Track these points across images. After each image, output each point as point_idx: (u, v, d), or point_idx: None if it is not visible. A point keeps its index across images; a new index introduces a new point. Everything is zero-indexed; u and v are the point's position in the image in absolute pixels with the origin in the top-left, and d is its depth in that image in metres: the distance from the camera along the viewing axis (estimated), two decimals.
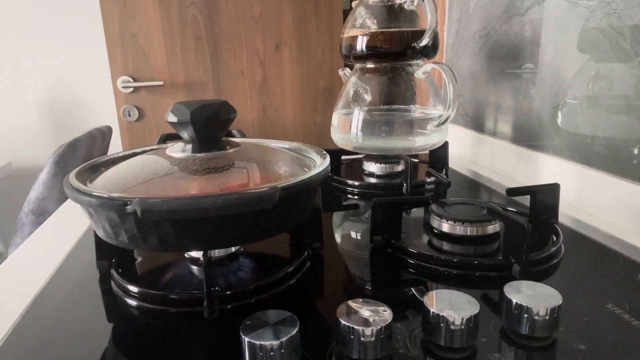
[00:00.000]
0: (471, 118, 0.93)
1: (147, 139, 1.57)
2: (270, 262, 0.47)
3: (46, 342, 0.35)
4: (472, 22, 0.90)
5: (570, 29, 0.63)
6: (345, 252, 0.50)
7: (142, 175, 0.41)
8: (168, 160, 0.43)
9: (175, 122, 0.41)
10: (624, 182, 0.55)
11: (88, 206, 0.37)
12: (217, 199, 0.32)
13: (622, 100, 0.55)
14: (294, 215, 0.41)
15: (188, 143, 0.43)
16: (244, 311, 0.31)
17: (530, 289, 0.33)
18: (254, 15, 1.52)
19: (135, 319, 0.38)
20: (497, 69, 0.82)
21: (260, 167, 0.43)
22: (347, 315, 0.30)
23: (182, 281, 0.43)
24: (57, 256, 0.51)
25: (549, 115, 0.69)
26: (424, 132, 0.70)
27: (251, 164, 0.43)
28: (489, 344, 0.32)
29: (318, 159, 0.47)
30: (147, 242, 0.36)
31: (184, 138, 0.44)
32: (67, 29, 1.90)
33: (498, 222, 0.49)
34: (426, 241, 0.50)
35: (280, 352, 0.28)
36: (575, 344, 0.32)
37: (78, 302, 0.41)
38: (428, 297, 0.32)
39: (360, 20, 0.71)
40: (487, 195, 0.69)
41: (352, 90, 0.75)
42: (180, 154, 0.43)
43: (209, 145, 0.43)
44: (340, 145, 0.77)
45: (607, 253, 0.48)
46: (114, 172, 0.44)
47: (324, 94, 1.62)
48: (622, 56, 0.55)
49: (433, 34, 0.67)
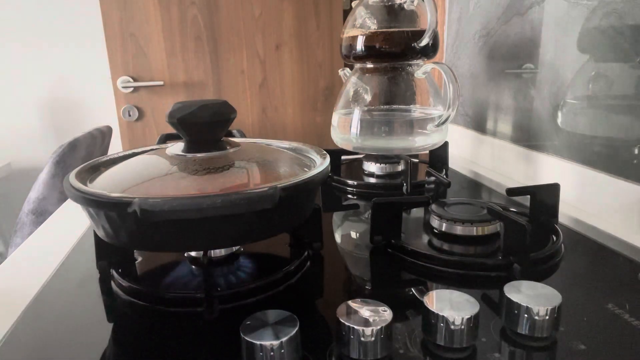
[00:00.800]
0: (471, 118, 0.93)
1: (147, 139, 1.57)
2: (270, 262, 0.47)
3: (46, 342, 0.35)
4: (472, 22, 0.90)
5: (570, 29, 0.63)
6: (345, 252, 0.50)
7: (142, 176, 0.41)
8: (168, 160, 0.43)
9: (176, 122, 0.41)
10: (624, 182, 0.55)
11: (88, 206, 0.37)
12: (217, 199, 0.32)
13: (622, 100, 0.55)
14: (294, 215, 0.41)
15: (188, 143, 0.43)
16: (244, 311, 0.31)
17: (530, 289, 0.33)
18: (254, 15, 1.52)
19: (135, 319, 0.38)
20: (497, 69, 0.82)
21: (260, 167, 0.43)
22: (347, 315, 0.30)
23: (182, 281, 0.43)
24: (57, 256, 0.51)
25: (549, 115, 0.69)
26: (424, 132, 0.70)
27: (251, 164, 0.43)
28: (489, 344, 0.32)
29: (318, 159, 0.47)
30: (147, 242, 0.36)
31: (184, 138, 0.44)
32: (67, 29, 1.90)
33: (498, 222, 0.49)
34: (426, 241, 0.50)
35: (280, 352, 0.28)
36: (575, 344, 0.32)
37: (78, 302, 0.41)
38: (428, 297, 0.32)
39: (360, 20, 0.71)
40: (487, 195, 0.69)
41: (352, 90, 0.75)
42: (180, 153, 0.43)
43: (209, 146, 0.43)
44: (340, 145, 0.77)
45: (607, 253, 0.48)
46: (114, 172, 0.44)
47: (324, 94, 1.62)
48: (622, 56, 0.55)
49: (433, 34, 0.67)
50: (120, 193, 0.35)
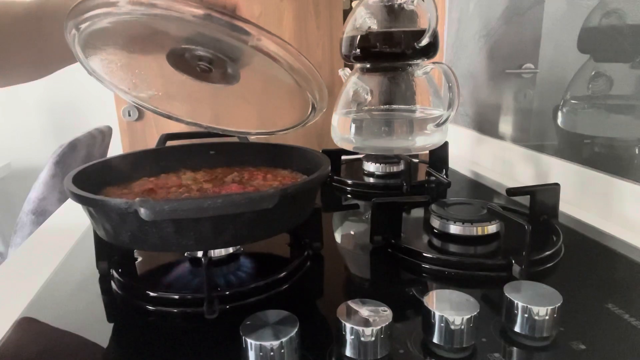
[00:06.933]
0: (471, 118, 0.93)
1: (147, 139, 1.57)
2: (270, 262, 0.47)
3: (46, 342, 0.35)
4: (472, 22, 0.90)
5: (570, 29, 0.63)
6: (345, 252, 0.50)
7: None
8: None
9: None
10: (624, 182, 0.55)
11: (88, 206, 0.37)
12: (217, 199, 0.32)
13: (622, 100, 0.55)
14: (294, 215, 0.41)
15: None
16: (244, 311, 0.31)
17: (530, 289, 0.33)
18: (253, 15, 1.52)
19: (135, 319, 0.38)
20: (497, 69, 0.82)
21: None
22: (347, 315, 0.30)
23: (182, 281, 0.43)
24: (57, 256, 0.51)
25: (549, 115, 0.69)
26: (424, 132, 0.70)
27: None
28: (489, 344, 0.32)
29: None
30: (147, 242, 0.36)
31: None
32: None
33: (498, 222, 0.49)
34: (426, 241, 0.50)
35: (280, 352, 0.28)
36: (575, 344, 0.32)
37: (78, 302, 0.41)
38: (428, 297, 0.32)
39: (360, 20, 0.71)
40: (487, 195, 0.69)
41: (352, 90, 0.74)
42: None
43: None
44: (340, 145, 0.76)
45: (607, 253, 0.48)
46: None
47: None
48: (622, 56, 0.55)
49: (433, 34, 0.67)
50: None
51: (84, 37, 0.37)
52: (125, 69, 0.44)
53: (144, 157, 0.54)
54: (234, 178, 0.50)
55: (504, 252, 0.46)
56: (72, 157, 1.37)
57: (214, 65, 0.40)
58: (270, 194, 0.34)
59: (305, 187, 0.38)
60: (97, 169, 0.47)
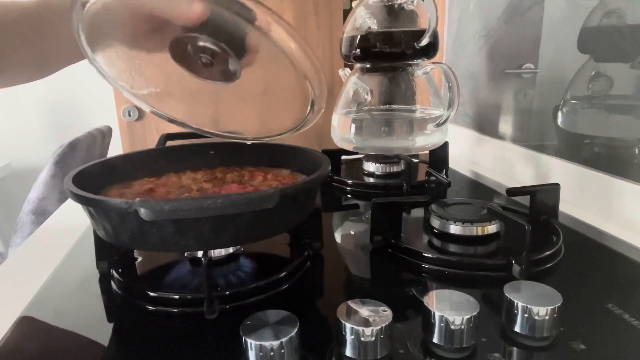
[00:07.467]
0: (471, 118, 0.93)
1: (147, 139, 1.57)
2: (270, 262, 0.47)
3: (46, 342, 0.35)
4: (472, 22, 0.90)
5: (570, 29, 0.63)
6: (345, 252, 0.50)
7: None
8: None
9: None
10: (624, 182, 0.55)
11: (88, 206, 0.37)
12: (218, 199, 0.32)
13: (622, 100, 0.55)
14: (294, 215, 0.41)
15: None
16: (244, 311, 0.31)
17: (530, 289, 0.33)
18: None
19: (135, 319, 0.38)
20: (497, 69, 0.82)
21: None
22: (347, 315, 0.30)
23: (182, 281, 0.43)
24: (57, 256, 0.51)
25: (549, 115, 0.69)
26: (424, 132, 0.70)
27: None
28: (489, 344, 0.32)
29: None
30: (147, 242, 0.36)
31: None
32: None
33: (498, 222, 0.49)
34: (426, 241, 0.50)
35: (280, 352, 0.28)
36: (575, 344, 0.32)
37: (78, 302, 0.41)
38: (428, 297, 0.32)
39: (360, 20, 0.71)
40: (487, 195, 0.69)
41: (352, 90, 0.74)
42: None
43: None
44: (340, 145, 0.76)
45: (607, 253, 0.48)
46: None
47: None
48: (622, 56, 0.55)
49: (433, 34, 0.67)
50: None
51: (89, 18, 0.36)
52: (126, 60, 0.44)
53: (144, 157, 0.54)
54: (234, 178, 0.50)
55: (504, 252, 0.46)
56: (72, 157, 1.38)
57: (216, 60, 0.40)
58: (270, 194, 0.34)
59: (305, 187, 0.38)
60: (97, 169, 0.47)
